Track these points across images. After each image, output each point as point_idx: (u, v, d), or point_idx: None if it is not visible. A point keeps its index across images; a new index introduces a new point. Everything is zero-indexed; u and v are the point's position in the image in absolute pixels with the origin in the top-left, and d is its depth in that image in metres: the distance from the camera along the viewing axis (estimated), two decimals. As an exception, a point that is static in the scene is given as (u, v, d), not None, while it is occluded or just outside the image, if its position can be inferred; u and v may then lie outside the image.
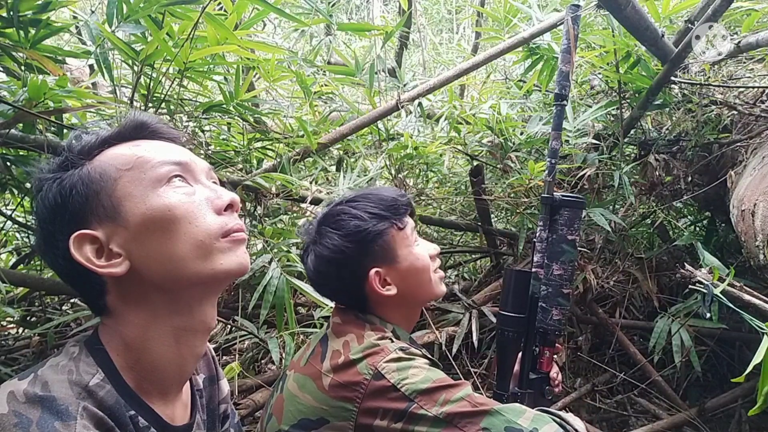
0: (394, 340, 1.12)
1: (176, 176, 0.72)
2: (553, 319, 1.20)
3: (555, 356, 1.28)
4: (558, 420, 1.00)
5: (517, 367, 1.26)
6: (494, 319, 2.07)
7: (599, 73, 2.26)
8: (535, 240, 1.23)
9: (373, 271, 1.14)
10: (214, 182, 0.78)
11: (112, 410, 0.65)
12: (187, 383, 0.82)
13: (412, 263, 1.17)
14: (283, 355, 1.59)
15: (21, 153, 1.52)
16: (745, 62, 2.16)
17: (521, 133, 2.18)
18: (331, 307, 1.45)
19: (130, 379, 0.70)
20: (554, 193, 1.22)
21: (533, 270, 1.22)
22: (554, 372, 1.26)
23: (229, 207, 0.74)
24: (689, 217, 2.71)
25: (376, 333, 1.12)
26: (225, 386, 0.93)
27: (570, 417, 1.04)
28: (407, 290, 1.17)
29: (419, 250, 1.20)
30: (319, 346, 1.13)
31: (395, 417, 1.00)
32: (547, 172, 1.24)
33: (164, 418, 0.73)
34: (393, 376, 1.02)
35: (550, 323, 1.20)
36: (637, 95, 2.14)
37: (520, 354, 1.25)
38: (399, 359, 1.05)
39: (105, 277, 0.70)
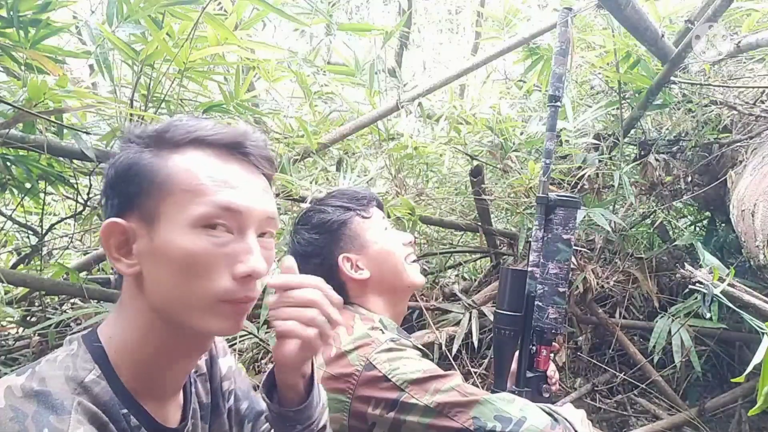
0: (384, 331, 1.13)
1: (219, 225, 0.69)
2: (549, 318, 1.20)
3: (555, 356, 1.28)
4: (547, 410, 1.01)
5: (514, 366, 1.26)
6: (494, 319, 2.07)
7: (599, 73, 2.26)
8: (530, 239, 1.24)
9: (341, 257, 1.19)
10: (265, 234, 0.74)
11: (107, 406, 0.67)
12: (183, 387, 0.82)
13: (382, 246, 1.21)
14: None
15: (21, 153, 1.52)
16: (745, 62, 2.16)
17: (521, 133, 2.18)
18: None
19: (125, 378, 0.71)
20: (549, 193, 1.23)
21: (529, 269, 1.23)
22: (551, 371, 1.26)
23: (248, 277, 0.70)
24: (689, 217, 2.71)
25: (365, 323, 1.14)
26: (225, 363, 0.92)
27: (554, 407, 1.05)
28: (380, 275, 1.20)
29: (388, 236, 1.24)
30: None
31: (387, 407, 1.02)
32: (542, 172, 1.25)
33: (157, 419, 0.73)
34: (384, 367, 1.03)
35: (546, 322, 1.20)
36: (637, 95, 2.14)
37: (517, 352, 1.26)
38: (390, 350, 1.06)
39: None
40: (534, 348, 1.23)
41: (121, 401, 0.69)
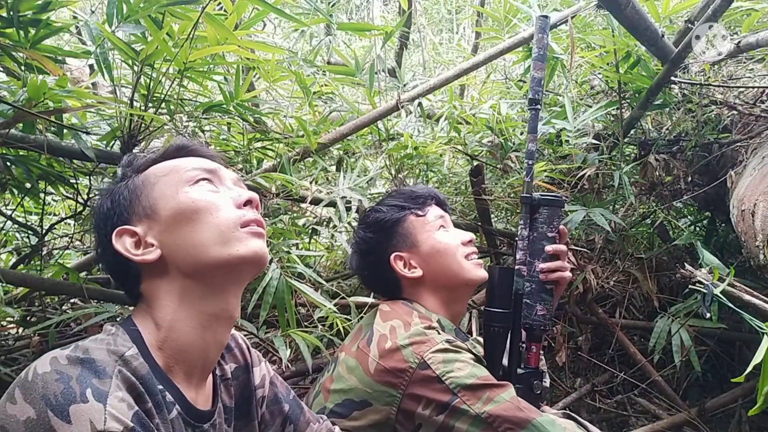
0: (440, 332, 1.15)
1: (203, 179, 0.84)
2: (537, 315, 1.22)
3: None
4: None
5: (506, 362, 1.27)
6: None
7: (599, 73, 2.26)
8: (517, 238, 1.26)
9: (393, 255, 1.24)
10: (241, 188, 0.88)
11: (144, 380, 0.72)
12: (210, 376, 0.87)
13: (433, 246, 1.24)
14: (288, 355, 1.59)
15: (21, 153, 1.52)
16: (745, 62, 2.16)
17: (521, 133, 2.17)
18: (330, 309, 1.49)
19: (159, 358, 0.77)
20: (533, 193, 1.25)
21: (516, 267, 1.24)
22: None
23: (248, 202, 0.84)
24: (689, 217, 2.71)
25: (423, 321, 1.16)
26: (259, 372, 0.98)
27: (595, 430, 1.05)
28: (433, 273, 1.24)
29: (443, 235, 1.27)
30: (368, 329, 1.18)
31: (437, 409, 1.03)
32: (525, 172, 1.27)
33: (188, 399, 0.79)
34: (438, 368, 1.05)
35: (535, 319, 1.22)
36: (637, 95, 2.14)
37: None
38: (445, 350, 1.08)
39: (140, 265, 0.80)
40: (524, 345, 1.24)
41: (157, 378, 0.74)
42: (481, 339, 1.41)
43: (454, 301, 1.27)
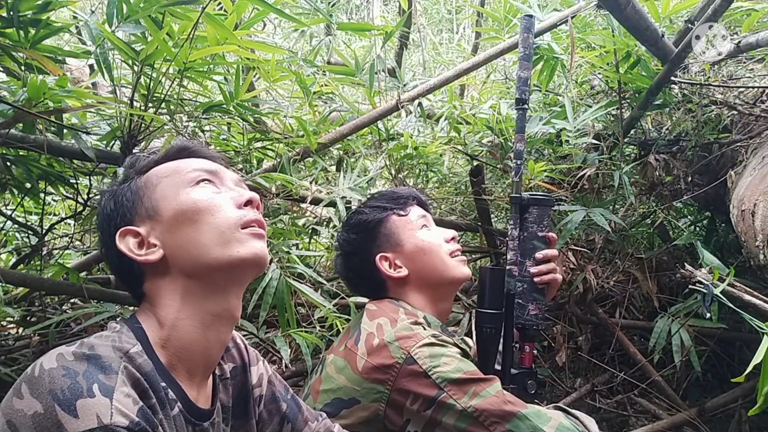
0: (426, 327, 1.15)
1: (204, 180, 0.85)
2: (530, 315, 1.21)
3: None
4: (580, 428, 1.02)
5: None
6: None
7: (599, 73, 2.26)
8: (507, 238, 1.25)
9: (378, 256, 1.24)
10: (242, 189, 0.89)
11: (148, 376, 0.73)
12: (210, 376, 0.88)
13: (416, 245, 1.25)
14: (289, 354, 1.59)
15: (21, 153, 1.52)
16: (745, 62, 2.16)
17: (521, 133, 2.17)
18: (330, 308, 1.50)
19: (162, 356, 0.78)
20: (523, 193, 1.25)
21: (507, 267, 1.24)
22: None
23: (249, 203, 0.85)
24: (689, 217, 2.71)
25: (409, 317, 1.16)
26: (256, 372, 0.98)
27: (586, 418, 1.05)
28: (418, 272, 1.24)
29: (426, 234, 1.27)
30: (356, 330, 1.18)
31: (425, 404, 1.04)
32: (513, 172, 1.26)
33: (189, 397, 0.80)
34: (425, 362, 1.05)
35: (527, 318, 1.21)
36: (637, 95, 2.14)
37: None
38: (432, 344, 1.08)
39: (143, 265, 0.81)
40: (517, 345, 1.23)
41: (160, 376, 0.75)
42: (466, 338, 1.42)
43: (440, 298, 1.27)
